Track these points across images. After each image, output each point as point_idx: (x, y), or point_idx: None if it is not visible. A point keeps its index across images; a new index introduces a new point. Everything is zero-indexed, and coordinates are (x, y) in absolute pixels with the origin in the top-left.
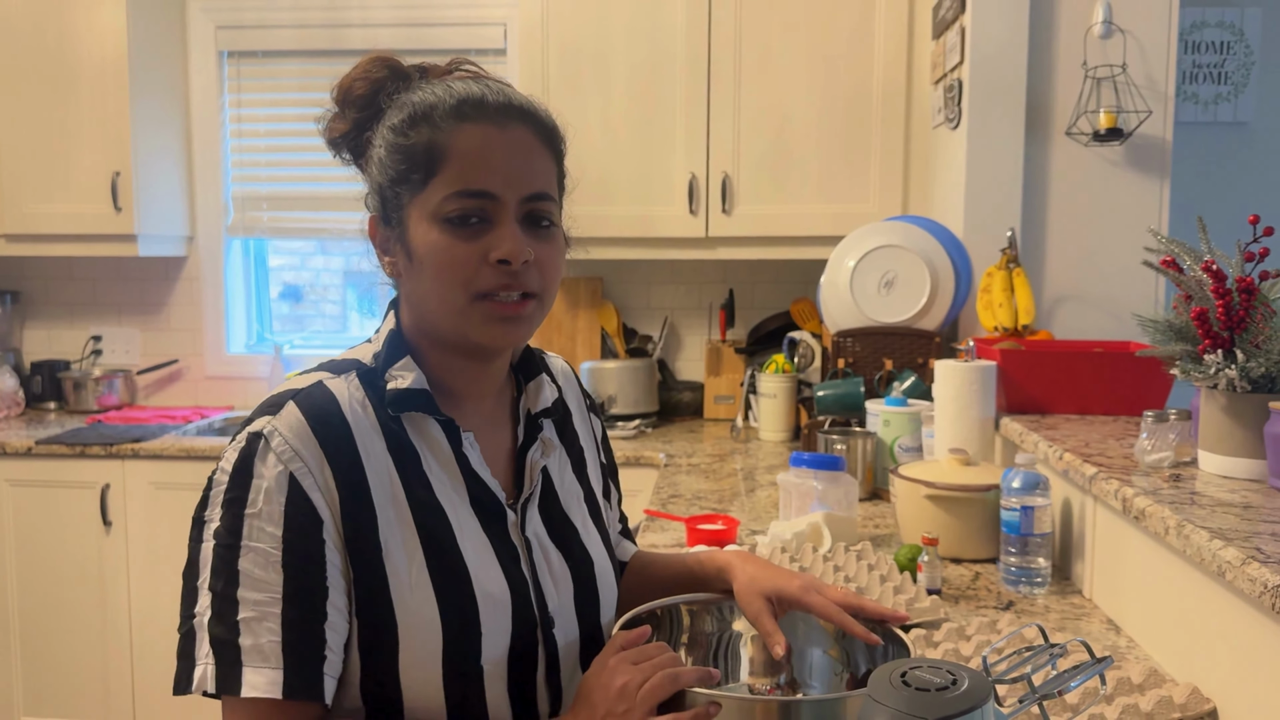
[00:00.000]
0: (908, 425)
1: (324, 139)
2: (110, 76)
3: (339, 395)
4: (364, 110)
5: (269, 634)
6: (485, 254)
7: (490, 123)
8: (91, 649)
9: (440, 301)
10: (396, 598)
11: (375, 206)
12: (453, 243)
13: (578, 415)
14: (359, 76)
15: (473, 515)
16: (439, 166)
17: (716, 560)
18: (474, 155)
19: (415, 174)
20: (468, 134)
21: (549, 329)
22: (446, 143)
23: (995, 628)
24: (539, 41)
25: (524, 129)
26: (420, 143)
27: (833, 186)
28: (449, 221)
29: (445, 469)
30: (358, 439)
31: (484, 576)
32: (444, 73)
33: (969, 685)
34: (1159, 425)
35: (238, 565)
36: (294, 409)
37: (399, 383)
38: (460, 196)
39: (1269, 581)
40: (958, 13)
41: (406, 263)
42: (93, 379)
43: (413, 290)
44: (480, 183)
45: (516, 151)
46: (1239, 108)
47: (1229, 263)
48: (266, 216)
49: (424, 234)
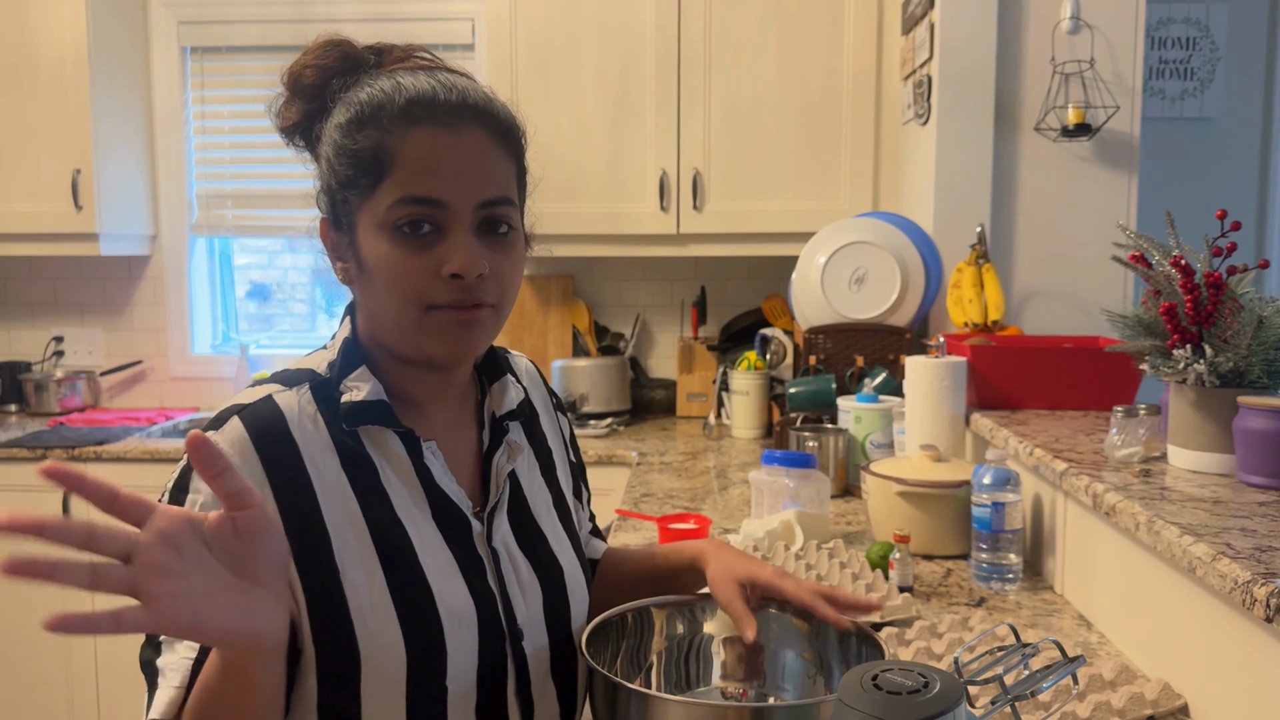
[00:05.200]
0: (879, 422)
1: (275, 127)
2: (70, 73)
3: (288, 411)
4: (313, 101)
5: (185, 650)
6: (437, 266)
7: (440, 125)
8: (55, 662)
9: (393, 314)
10: (357, 620)
11: (326, 208)
12: (403, 254)
13: (545, 416)
14: (309, 63)
15: (435, 529)
16: (386, 171)
17: (688, 550)
18: (423, 160)
19: (363, 179)
20: (416, 138)
21: (520, 327)
22: (394, 147)
23: (967, 625)
24: (507, 37)
25: (478, 130)
26: (367, 146)
27: (803, 183)
28: (398, 230)
29: (405, 482)
30: (306, 457)
31: (448, 593)
32: (400, 59)
33: (941, 688)
34: (1129, 420)
35: None
36: (238, 424)
37: (354, 395)
38: (407, 203)
39: (1239, 577)
40: (926, 9)
41: (358, 271)
42: (55, 381)
43: (366, 299)
44: (429, 190)
45: (469, 155)
46: (1205, 103)
47: (1197, 258)
48: (231, 214)
49: (374, 243)
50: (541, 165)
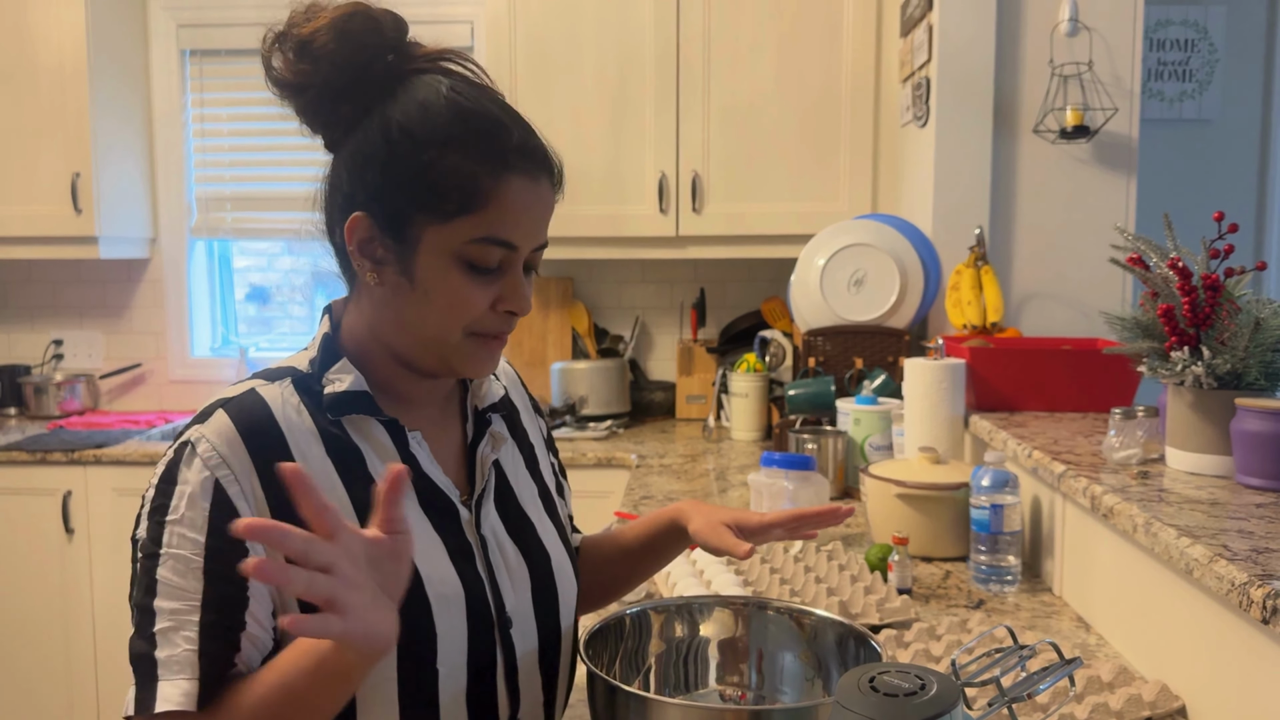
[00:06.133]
0: (878, 424)
1: (268, 77)
2: (70, 76)
3: (272, 401)
4: (326, 77)
5: (185, 643)
6: (495, 301)
7: (530, 177)
8: (54, 659)
9: (433, 331)
10: None
11: (371, 208)
12: (471, 286)
13: (525, 414)
14: (325, 27)
15: (423, 515)
16: (475, 207)
17: (666, 513)
18: (515, 209)
19: (444, 204)
20: (513, 186)
21: (519, 330)
22: (489, 187)
23: (966, 627)
24: (506, 40)
25: (548, 183)
26: (458, 174)
27: (802, 185)
28: (471, 265)
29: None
30: (292, 445)
31: (436, 577)
32: (434, 59)
33: (937, 690)
34: (1127, 422)
35: (156, 574)
36: (223, 416)
37: (336, 386)
38: (491, 243)
39: (1236, 579)
40: (925, 11)
41: (402, 282)
42: (54, 384)
43: (397, 308)
44: (513, 237)
45: (543, 208)
46: (1203, 105)
47: (1194, 260)
48: (230, 217)
49: (439, 266)
50: None
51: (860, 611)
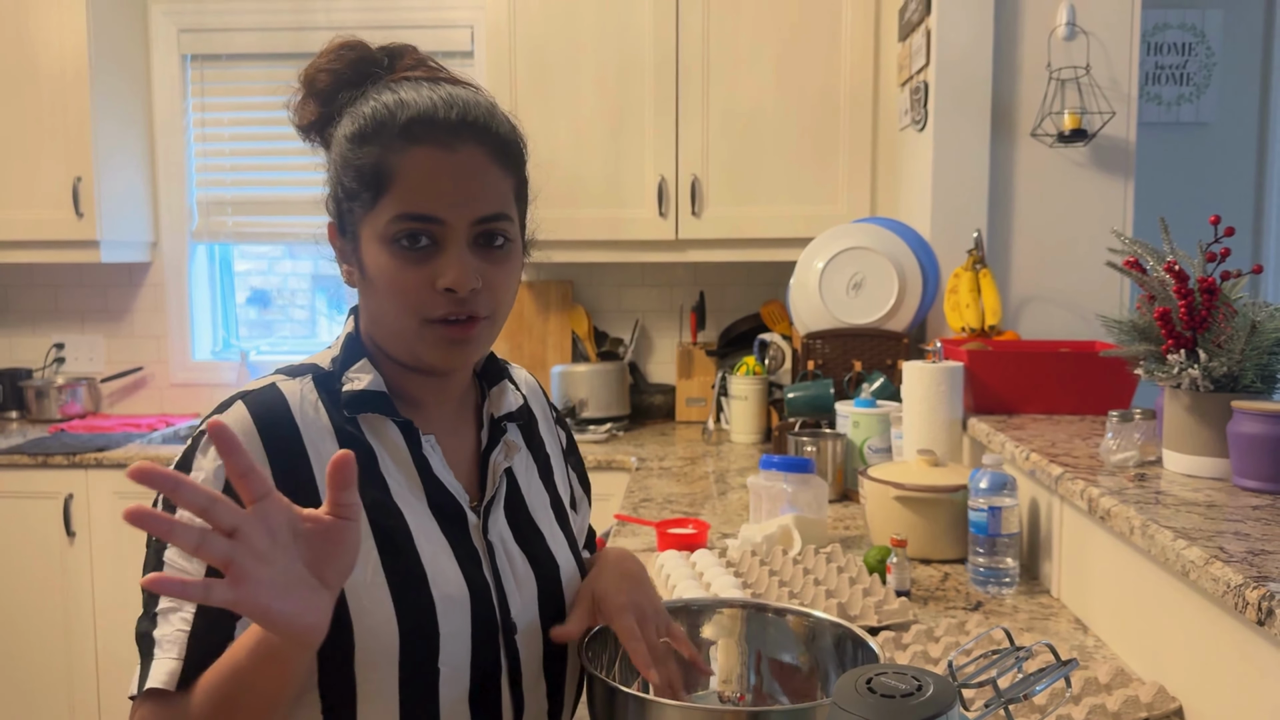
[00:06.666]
0: (877, 426)
1: (293, 124)
2: (71, 81)
3: (290, 397)
4: (326, 105)
5: (180, 624)
6: (433, 280)
7: (438, 145)
8: (55, 662)
9: (392, 322)
10: (351, 597)
11: (333, 213)
12: (401, 267)
13: (544, 425)
14: (324, 66)
15: (431, 517)
16: (387, 187)
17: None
18: (420, 179)
19: (366, 192)
20: (415, 157)
21: (519, 333)
22: (394, 164)
23: (964, 629)
24: (506, 44)
25: (476, 148)
26: (369, 162)
27: (801, 188)
28: (396, 244)
29: (403, 470)
30: (306, 440)
31: (441, 578)
32: (411, 65)
33: (934, 691)
34: (1124, 425)
35: (164, 556)
36: (241, 407)
37: (354, 384)
38: (405, 219)
39: (1232, 581)
40: (923, 15)
41: (360, 277)
42: (55, 387)
43: (367, 303)
44: (426, 207)
45: (467, 174)
46: (1201, 108)
47: (1191, 263)
48: (231, 221)
49: (374, 254)
50: (541, 171)
51: (859, 613)
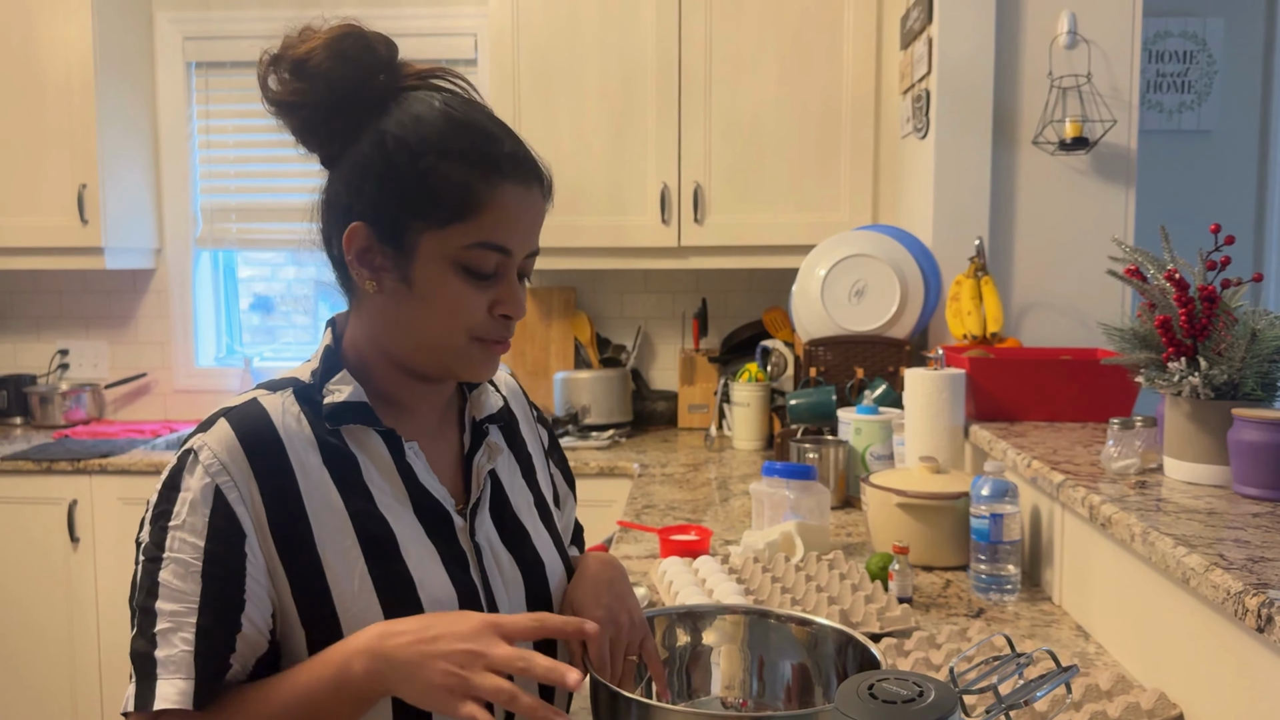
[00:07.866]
0: (879, 433)
1: (265, 97)
2: (76, 88)
3: (272, 410)
4: (321, 95)
5: (183, 644)
6: (491, 305)
7: (522, 184)
8: (59, 667)
9: (435, 336)
10: (340, 607)
11: (369, 218)
12: (469, 290)
13: (525, 425)
14: (320, 46)
15: (417, 523)
16: (470, 214)
17: (576, 562)
18: (509, 214)
19: (440, 211)
20: (507, 192)
21: (522, 339)
22: (485, 194)
23: (966, 636)
24: (509, 52)
25: (539, 190)
26: (454, 183)
27: (803, 196)
28: (468, 270)
29: (387, 479)
30: (290, 452)
31: (429, 582)
32: (424, 76)
33: (935, 697)
34: (1125, 432)
35: (158, 577)
36: (225, 425)
37: (335, 396)
38: (486, 249)
39: (1231, 588)
40: (925, 23)
41: (401, 287)
42: (60, 393)
43: (397, 314)
44: (507, 241)
45: (535, 214)
46: (1202, 116)
47: (1191, 271)
48: (236, 228)
49: (437, 272)
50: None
51: (861, 620)
